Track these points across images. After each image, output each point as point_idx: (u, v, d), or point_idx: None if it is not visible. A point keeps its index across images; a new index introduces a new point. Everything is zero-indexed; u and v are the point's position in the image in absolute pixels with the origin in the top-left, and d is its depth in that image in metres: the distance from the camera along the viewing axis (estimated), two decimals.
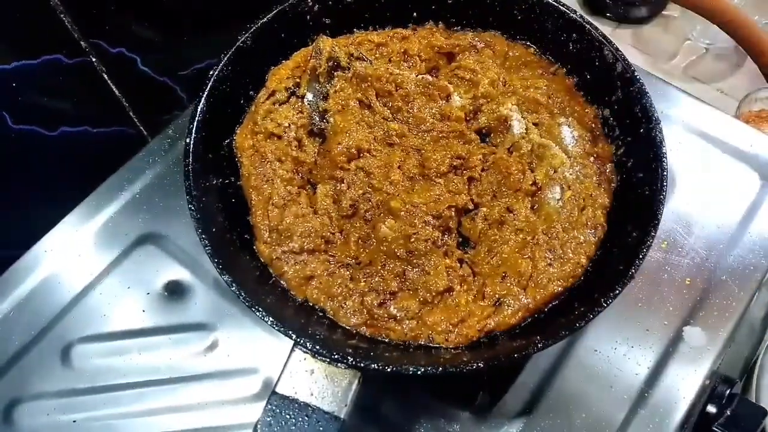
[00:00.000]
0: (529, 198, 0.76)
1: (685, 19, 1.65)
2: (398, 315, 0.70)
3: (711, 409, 0.81)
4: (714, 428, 0.80)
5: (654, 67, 1.61)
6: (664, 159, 0.71)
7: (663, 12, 1.70)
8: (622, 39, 1.67)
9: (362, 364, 0.61)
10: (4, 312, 0.86)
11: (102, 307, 0.87)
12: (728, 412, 0.79)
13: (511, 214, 0.74)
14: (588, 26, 0.79)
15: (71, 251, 0.91)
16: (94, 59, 0.92)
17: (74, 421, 0.81)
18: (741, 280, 0.87)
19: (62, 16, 0.85)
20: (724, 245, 0.90)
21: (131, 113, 1.03)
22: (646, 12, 1.68)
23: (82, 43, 0.89)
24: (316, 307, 0.72)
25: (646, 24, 1.69)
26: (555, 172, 0.77)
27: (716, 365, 0.82)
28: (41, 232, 0.92)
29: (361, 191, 0.75)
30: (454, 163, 0.76)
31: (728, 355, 0.85)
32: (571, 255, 0.73)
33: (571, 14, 0.80)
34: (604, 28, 1.66)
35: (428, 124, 0.79)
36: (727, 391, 0.81)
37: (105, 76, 0.96)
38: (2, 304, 0.86)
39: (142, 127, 1.07)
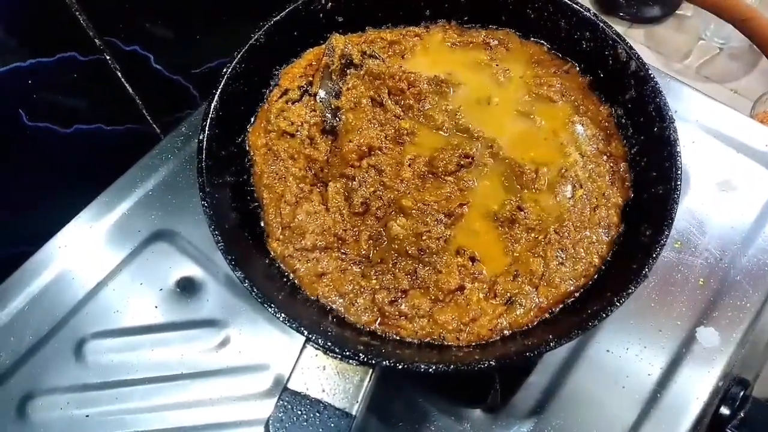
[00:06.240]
0: (541, 196, 0.76)
1: (699, 19, 1.65)
2: (409, 313, 0.70)
3: (724, 410, 0.80)
4: (727, 430, 0.79)
5: (667, 66, 1.60)
6: (678, 158, 0.70)
7: (676, 11, 1.69)
8: (634, 38, 1.66)
9: (373, 361, 0.61)
10: (19, 307, 0.87)
11: (115, 303, 0.88)
12: (742, 414, 0.79)
13: (522, 213, 0.74)
14: (601, 24, 0.79)
15: (85, 248, 0.91)
16: (108, 57, 0.93)
17: (87, 416, 0.81)
18: (755, 280, 0.86)
19: (77, 13, 0.85)
20: (738, 245, 0.89)
21: (144, 111, 1.04)
22: (659, 11, 1.67)
23: (96, 40, 0.90)
24: (328, 304, 0.72)
25: (659, 23, 1.69)
26: (567, 170, 0.76)
27: (730, 366, 0.82)
28: (55, 229, 0.93)
29: (372, 189, 0.75)
30: (462, 162, 0.76)
31: (742, 357, 0.84)
32: (583, 254, 0.73)
33: (585, 12, 0.80)
34: (617, 27, 1.65)
35: (439, 122, 0.79)
36: (741, 393, 0.81)
37: (119, 73, 0.96)
38: (17, 300, 0.87)
39: (155, 125, 1.07)
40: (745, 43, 1.47)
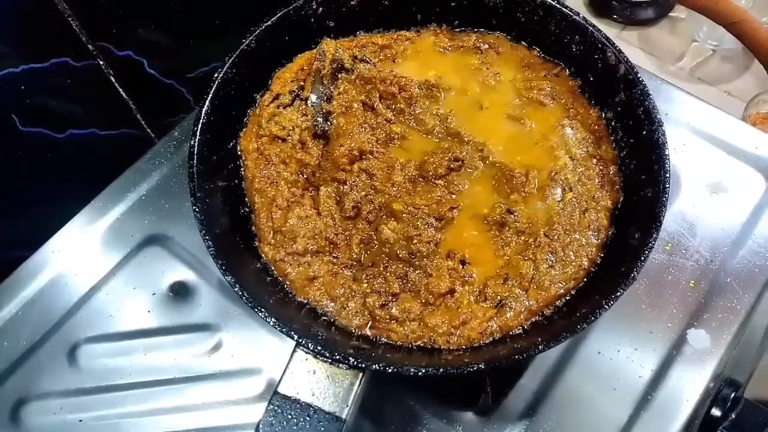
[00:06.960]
0: (531, 199, 0.76)
1: (692, 21, 1.65)
2: (400, 316, 0.70)
3: (715, 412, 0.80)
4: (719, 431, 0.79)
5: (661, 68, 1.60)
6: (666, 161, 0.70)
7: (670, 14, 1.70)
8: (628, 41, 1.66)
9: (363, 365, 0.62)
10: (12, 312, 0.87)
11: (108, 308, 0.88)
12: (733, 416, 0.79)
13: (512, 216, 0.74)
14: (591, 28, 0.79)
15: (78, 252, 0.92)
16: (101, 62, 0.93)
17: (80, 420, 0.81)
18: (745, 282, 0.87)
19: (70, 19, 0.86)
20: (728, 247, 0.89)
21: (138, 116, 1.04)
22: (652, 14, 1.67)
23: (89, 46, 0.90)
24: (319, 308, 0.72)
25: (652, 26, 1.69)
26: (556, 173, 0.77)
27: (721, 368, 0.82)
28: (49, 233, 0.93)
29: (363, 193, 0.75)
30: (452, 166, 0.76)
31: (733, 358, 0.84)
32: (573, 257, 0.73)
33: (574, 16, 0.81)
34: (611, 30, 1.66)
35: (429, 126, 0.79)
36: (732, 394, 0.81)
37: (112, 78, 0.97)
38: (10, 305, 0.88)
39: (149, 130, 1.07)
40: (738, 45, 1.47)
